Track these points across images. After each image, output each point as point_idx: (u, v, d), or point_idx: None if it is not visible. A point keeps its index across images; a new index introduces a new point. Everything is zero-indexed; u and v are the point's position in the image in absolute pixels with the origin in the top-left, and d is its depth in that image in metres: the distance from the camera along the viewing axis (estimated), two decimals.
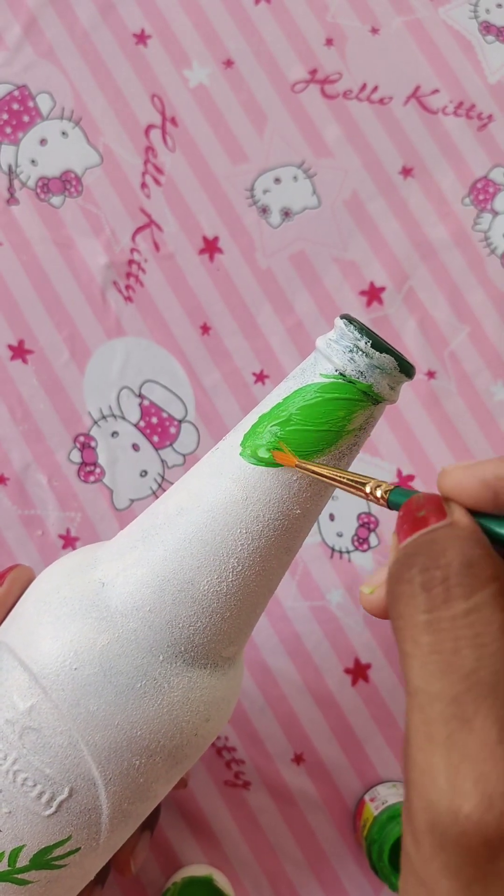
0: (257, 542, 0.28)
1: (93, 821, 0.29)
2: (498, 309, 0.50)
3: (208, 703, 0.30)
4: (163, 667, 0.29)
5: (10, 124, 0.50)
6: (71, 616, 0.29)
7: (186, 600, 0.28)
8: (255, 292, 0.49)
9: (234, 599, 0.29)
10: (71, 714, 0.28)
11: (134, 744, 0.28)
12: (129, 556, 0.30)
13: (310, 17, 0.51)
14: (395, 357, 0.27)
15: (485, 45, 0.51)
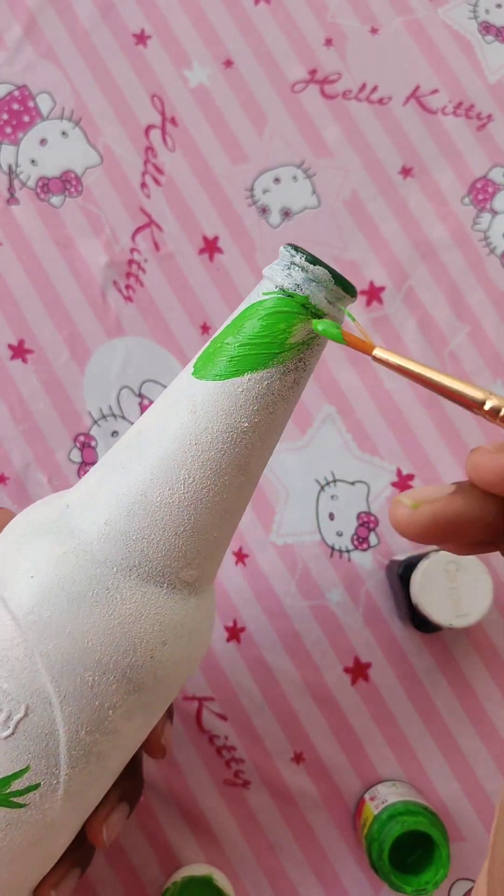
0: (206, 454, 0.29)
1: (51, 749, 0.29)
2: (497, 308, 0.50)
3: (164, 625, 0.30)
4: (115, 578, 0.29)
5: (10, 124, 0.50)
6: (34, 533, 0.30)
7: (139, 512, 0.29)
8: None
9: (185, 513, 0.29)
10: (26, 622, 0.29)
11: (86, 656, 0.29)
12: (92, 478, 0.31)
13: (309, 17, 0.51)
14: (329, 271, 0.28)
15: (484, 45, 0.51)
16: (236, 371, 0.29)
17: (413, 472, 0.49)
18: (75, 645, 0.29)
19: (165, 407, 0.30)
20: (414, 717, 0.47)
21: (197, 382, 0.29)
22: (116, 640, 0.29)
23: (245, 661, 0.47)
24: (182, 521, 0.29)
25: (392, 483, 0.49)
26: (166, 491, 0.29)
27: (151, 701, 0.31)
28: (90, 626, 0.29)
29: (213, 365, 0.29)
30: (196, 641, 0.32)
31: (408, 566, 0.44)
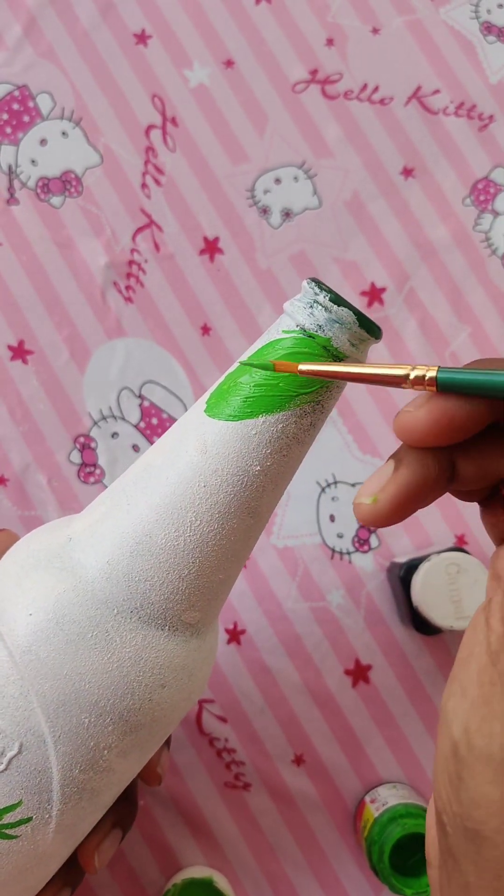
0: (216, 497, 0.28)
1: (44, 785, 0.29)
2: (499, 309, 0.50)
3: (163, 668, 0.30)
4: (116, 620, 0.29)
5: (10, 124, 0.49)
6: (34, 566, 0.30)
7: (143, 553, 0.28)
8: (256, 293, 0.49)
9: (191, 557, 0.28)
10: (23, 661, 0.28)
11: (82, 698, 0.28)
12: (97, 511, 0.30)
13: (310, 17, 0.51)
14: (353, 312, 0.27)
15: (486, 46, 0.51)
16: (251, 412, 0.28)
17: None
18: (72, 686, 0.28)
19: (175, 442, 0.29)
20: (415, 719, 0.47)
21: (209, 421, 0.28)
22: (114, 683, 0.29)
23: (245, 664, 0.47)
24: (187, 564, 0.29)
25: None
26: (172, 533, 0.28)
27: (147, 739, 0.31)
28: (87, 668, 0.28)
29: (226, 404, 0.28)
30: (196, 681, 0.31)
31: (409, 568, 0.44)
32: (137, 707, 0.29)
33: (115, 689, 0.29)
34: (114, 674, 0.29)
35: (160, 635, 0.29)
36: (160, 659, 0.30)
